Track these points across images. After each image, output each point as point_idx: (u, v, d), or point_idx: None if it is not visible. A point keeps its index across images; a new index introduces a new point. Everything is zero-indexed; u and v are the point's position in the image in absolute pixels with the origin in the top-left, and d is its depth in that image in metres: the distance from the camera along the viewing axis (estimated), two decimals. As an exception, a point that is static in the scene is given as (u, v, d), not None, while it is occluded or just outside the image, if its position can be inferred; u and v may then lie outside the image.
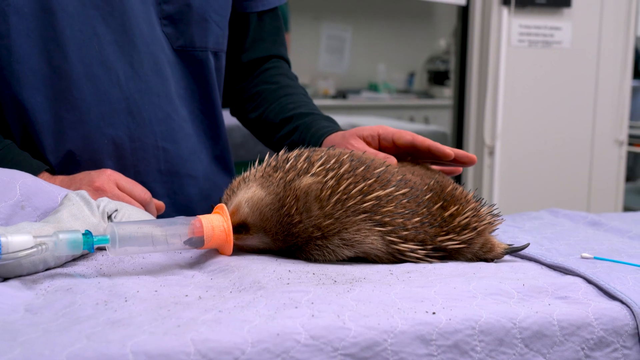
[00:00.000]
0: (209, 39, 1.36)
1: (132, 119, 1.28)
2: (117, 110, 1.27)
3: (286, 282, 0.87)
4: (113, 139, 1.27)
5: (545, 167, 3.20)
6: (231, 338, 0.69)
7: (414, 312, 0.78)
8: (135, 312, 0.75)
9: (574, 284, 0.91)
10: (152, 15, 1.30)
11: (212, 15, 1.35)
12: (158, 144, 1.32)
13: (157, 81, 1.30)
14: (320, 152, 1.05)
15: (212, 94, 1.40)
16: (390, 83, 6.01)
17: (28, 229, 0.88)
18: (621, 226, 1.34)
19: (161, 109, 1.31)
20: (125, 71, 1.27)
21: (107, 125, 1.27)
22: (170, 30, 1.32)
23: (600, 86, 3.24)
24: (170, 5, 1.31)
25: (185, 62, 1.35)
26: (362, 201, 0.99)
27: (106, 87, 1.26)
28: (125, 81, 1.27)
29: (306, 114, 1.37)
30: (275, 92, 1.45)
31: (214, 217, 0.97)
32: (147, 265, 0.95)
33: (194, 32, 1.34)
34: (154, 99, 1.30)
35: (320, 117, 1.36)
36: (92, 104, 1.26)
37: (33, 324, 0.71)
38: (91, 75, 1.25)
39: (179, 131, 1.34)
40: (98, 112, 1.26)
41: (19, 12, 1.21)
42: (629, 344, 0.84)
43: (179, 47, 1.34)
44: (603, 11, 3.19)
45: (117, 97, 1.27)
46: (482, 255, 1.08)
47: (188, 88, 1.37)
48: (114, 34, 1.26)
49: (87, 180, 1.16)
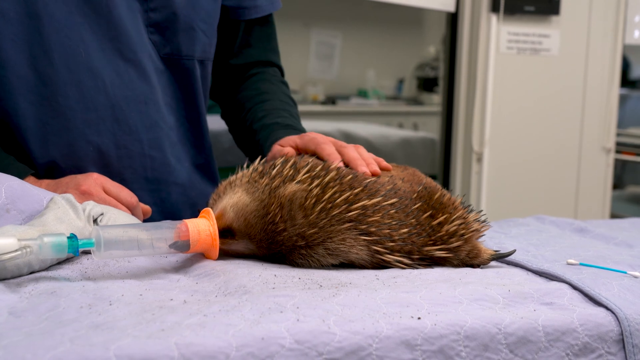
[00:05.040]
0: (196, 47, 1.36)
1: (118, 126, 1.28)
2: (103, 118, 1.26)
3: (272, 287, 0.86)
4: (99, 146, 1.26)
5: (533, 174, 3.21)
6: (215, 342, 0.69)
7: (400, 317, 0.78)
8: (119, 315, 0.74)
9: (560, 290, 0.91)
10: (139, 23, 1.29)
11: (199, 24, 1.35)
12: (145, 151, 1.31)
13: (144, 88, 1.30)
14: (308, 158, 1.05)
15: (198, 102, 1.39)
16: (380, 89, 6.01)
17: (13, 232, 0.87)
18: (607, 233, 1.35)
19: (148, 117, 1.31)
20: (111, 78, 1.26)
21: (92, 133, 1.26)
22: (157, 38, 1.32)
23: (588, 94, 3.26)
24: (157, 13, 1.30)
25: (172, 70, 1.35)
26: (347, 210, 0.98)
27: (92, 94, 1.25)
28: (112, 88, 1.26)
29: (268, 125, 1.36)
30: (252, 99, 1.45)
31: (200, 221, 0.97)
32: (133, 269, 0.94)
33: (181, 41, 1.33)
34: (141, 107, 1.29)
35: (280, 127, 1.34)
36: (78, 110, 1.25)
37: (16, 327, 0.71)
38: (77, 82, 1.24)
39: (165, 139, 1.33)
40: (84, 119, 1.25)
41: (4, 17, 1.20)
42: (614, 350, 0.84)
43: (166, 54, 1.33)
44: (591, 19, 3.21)
45: (103, 104, 1.26)
46: (469, 262, 1.08)
47: (174, 96, 1.36)
48: (101, 41, 1.25)
49: (73, 184, 1.15)
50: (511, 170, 3.17)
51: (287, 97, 1.49)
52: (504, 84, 3.10)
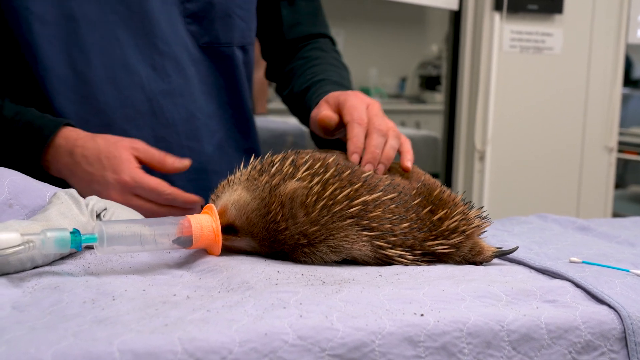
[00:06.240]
0: (234, 34, 1.38)
1: (156, 119, 1.31)
2: (141, 112, 1.30)
3: (275, 283, 0.86)
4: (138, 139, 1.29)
5: (535, 173, 3.21)
6: (219, 337, 0.69)
7: (402, 313, 0.78)
8: (122, 310, 0.74)
9: (562, 287, 0.91)
10: (174, 15, 1.32)
11: (236, 10, 1.37)
12: (182, 142, 1.34)
13: (179, 81, 1.33)
14: (305, 155, 1.04)
15: (240, 87, 1.42)
16: (382, 88, 6.01)
17: (16, 227, 0.87)
18: (610, 231, 1.35)
19: (185, 109, 1.34)
20: (147, 73, 1.30)
21: (132, 127, 1.30)
22: (194, 28, 1.34)
23: (590, 92, 3.25)
24: (193, 4, 1.33)
25: (212, 59, 1.37)
26: (348, 206, 0.98)
27: (129, 90, 1.29)
28: (148, 83, 1.30)
29: (315, 82, 1.36)
30: (302, 66, 1.45)
31: (202, 217, 0.97)
32: (135, 264, 0.95)
33: (219, 29, 1.36)
34: (177, 99, 1.33)
35: (328, 83, 1.34)
36: (116, 107, 1.28)
37: (19, 321, 0.71)
38: (114, 79, 1.28)
39: (203, 129, 1.36)
40: (122, 115, 1.29)
41: (42, 20, 1.23)
42: (616, 348, 0.84)
43: (205, 44, 1.36)
44: (594, 18, 3.20)
45: (140, 100, 1.30)
46: (471, 259, 1.08)
47: (215, 84, 1.39)
48: (135, 37, 1.28)
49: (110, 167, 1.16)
50: (513, 168, 3.17)
51: (337, 61, 1.49)
52: (506, 82, 3.10)
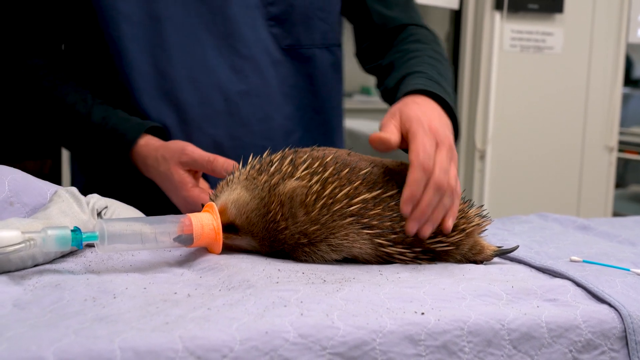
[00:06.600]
0: (315, 35, 1.40)
1: (232, 119, 1.34)
2: (218, 111, 1.33)
3: (275, 281, 0.87)
4: (214, 138, 1.33)
5: (535, 172, 3.21)
6: (219, 336, 0.69)
7: (403, 312, 0.78)
8: (123, 308, 0.74)
9: (563, 286, 0.91)
10: (256, 19, 1.34)
11: (317, 12, 1.39)
12: (257, 142, 1.36)
13: (257, 82, 1.35)
14: (304, 153, 1.04)
15: (323, 88, 1.43)
16: (382, 87, 6.00)
17: (17, 225, 0.87)
18: (610, 231, 1.35)
19: (261, 109, 1.36)
20: (226, 74, 1.33)
21: (208, 126, 1.33)
22: (277, 31, 1.36)
23: (591, 92, 3.26)
24: (275, 7, 1.36)
25: (294, 60, 1.39)
26: (348, 205, 0.98)
27: (207, 90, 1.32)
28: (225, 84, 1.33)
29: (409, 74, 1.29)
30: (399, 59, 1.41)
31: (203, 215, 0.97)
32: (136, 262, 0.95)
33: (300, 31, 1.38)
34: (254, 100, 1.35)
35: (421, 76, 1.25)
36: (194, 105, 1.32)
37: (20, 319, 0.71)
38: (193, 78, 1.31)
39: (278, 129, 1.38)
40: (200, 113, 1.32)
41: (129, 20, 1.28)
42: (617, 347, 0.84)
43: (287, 46, 1.38)
44: (595, 17, 3.20)
45: (217, 99, 1.33)
46: (472, 257, 1.08)
47: (295, 85, 1.40)
48: (216, 39, 1.32)
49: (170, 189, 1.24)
50: (514, 167, 3.17)
51: (438, 54, 1.41)
52: (507, 81, 3.10)
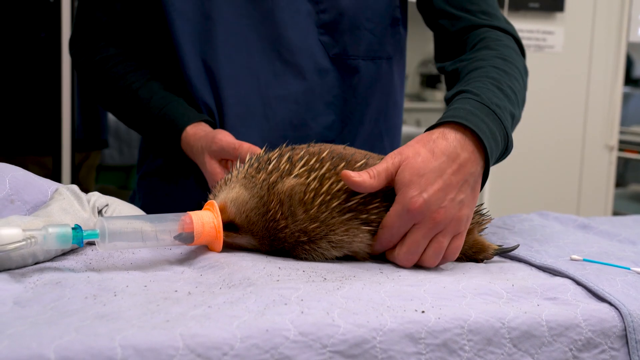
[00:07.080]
0: (361, 47, 1.38)
1: (266, 122, 1.34)
2: (253, 113, 1.34)
3: (276, 279, 0.87)
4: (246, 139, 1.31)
5: (535, 171, 3.21)
6: (220, 333, 0.69)
7: (403, 310, 0.78)
8: (124, 306, 0.74)
9: (563, 285, 0.91)
10: (308, 25, 1.34)
11: (365, 23, 1.37)
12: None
13: (297, 89, 1.35)
14: (300, 150, 1.04)
15: (363, 101, 1.41)
16: (383, 85, 5.99)
17: (18, 222, 0.87)
18: (611, 230, 1.35)
19: (297, 116, 1.35)
20: (266, 78, 1.34)
21: (242, 126, 1.34)
22: (326, 39, 1.36)
23: (591, 91, 3.26)
24: (326, 14, 1.35)
25: (339, 70, 1.38)
26: (346, 200, 0.98)
27: (246, 90, 1.33)
28: (265, 87, 1.34)
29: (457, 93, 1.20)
30: (464, 68, 1.31)
31: (204, 213, 0.97)
32: (137, 260, 0.95)
33: (347, 40, 1.37)
34: (291, 106, 1.35)
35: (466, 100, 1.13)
36: (232, 104, 1.33)
37: (21, 316, 0.71)
38: (234, 77, 1.33)
39: (314, 138, 1.36)
40: (236, 113, 1.33)
41: (185, 17, 1.31)
42: (617, 346, 0.84)
43: (335, 55, 1.37)
44: (595, 16, 3.20)
45: (254, 101, 1.34)
46: (472, 256, 1.08)
47: (339, 95, 1.39)
48: (262, 42, 1.33)
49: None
50: (514, 166, 3.17)
51: (504, 61, 1.26)
52: (507, 80, 3.10)
